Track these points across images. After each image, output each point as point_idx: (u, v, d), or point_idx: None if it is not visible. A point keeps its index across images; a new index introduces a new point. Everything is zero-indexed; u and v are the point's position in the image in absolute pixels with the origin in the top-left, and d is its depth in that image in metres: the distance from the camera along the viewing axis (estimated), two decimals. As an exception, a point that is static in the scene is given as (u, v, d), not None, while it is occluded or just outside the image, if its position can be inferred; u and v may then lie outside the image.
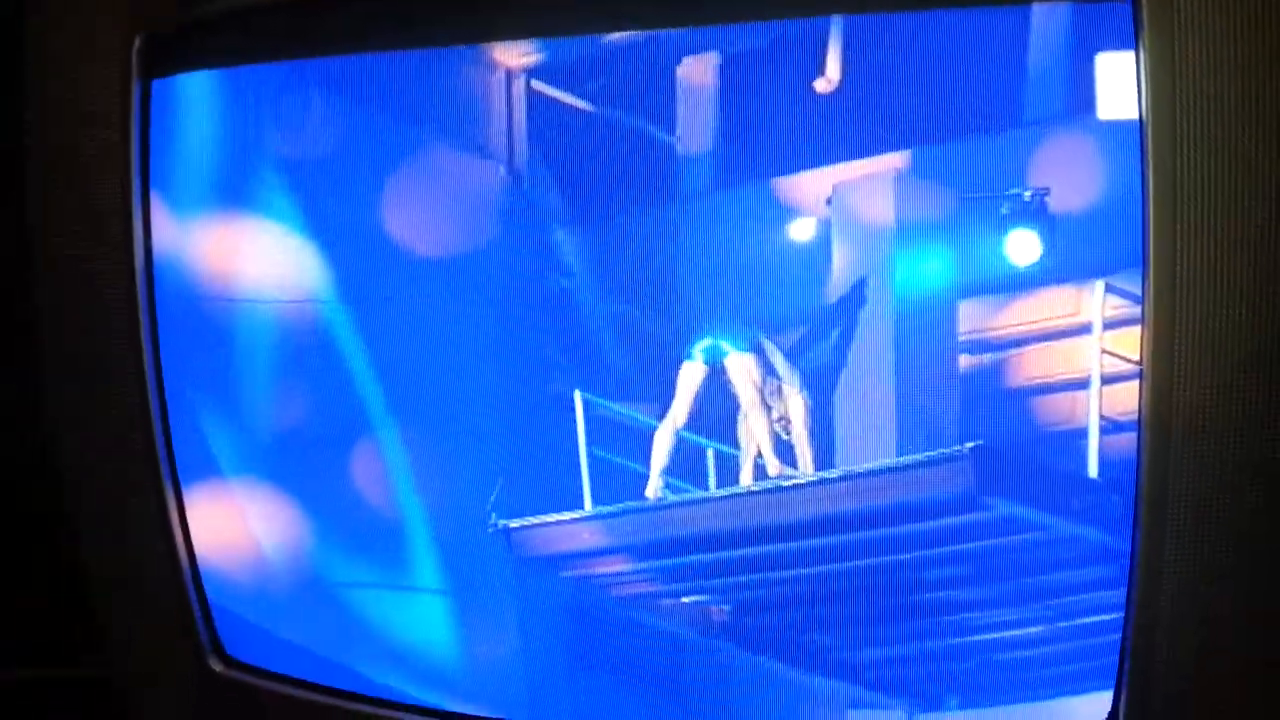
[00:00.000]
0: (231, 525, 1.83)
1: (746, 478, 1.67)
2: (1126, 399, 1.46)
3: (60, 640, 2.18)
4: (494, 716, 1.73)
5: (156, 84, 1.73)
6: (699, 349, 1.67)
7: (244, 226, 1.78)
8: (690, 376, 1.67)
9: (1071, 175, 1.52)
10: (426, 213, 1.72)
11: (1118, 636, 1.44)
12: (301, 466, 1.80)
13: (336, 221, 1.75)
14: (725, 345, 1.66)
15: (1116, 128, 1.45)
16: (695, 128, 1.65)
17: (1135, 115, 1.39)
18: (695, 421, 1.68)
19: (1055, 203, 1.53)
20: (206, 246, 1.80)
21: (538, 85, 1.69)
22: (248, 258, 1.79)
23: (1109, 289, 1.52)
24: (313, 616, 1.81)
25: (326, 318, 1.76)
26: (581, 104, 1.67)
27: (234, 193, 1.78)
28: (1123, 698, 1.44)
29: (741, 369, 1.66)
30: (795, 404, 1.65)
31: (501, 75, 1.70)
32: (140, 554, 1.80)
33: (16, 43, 1.77)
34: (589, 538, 1.71)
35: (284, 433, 1.80)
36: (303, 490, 1.80)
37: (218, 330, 1.80)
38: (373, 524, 1.77)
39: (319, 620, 1.81)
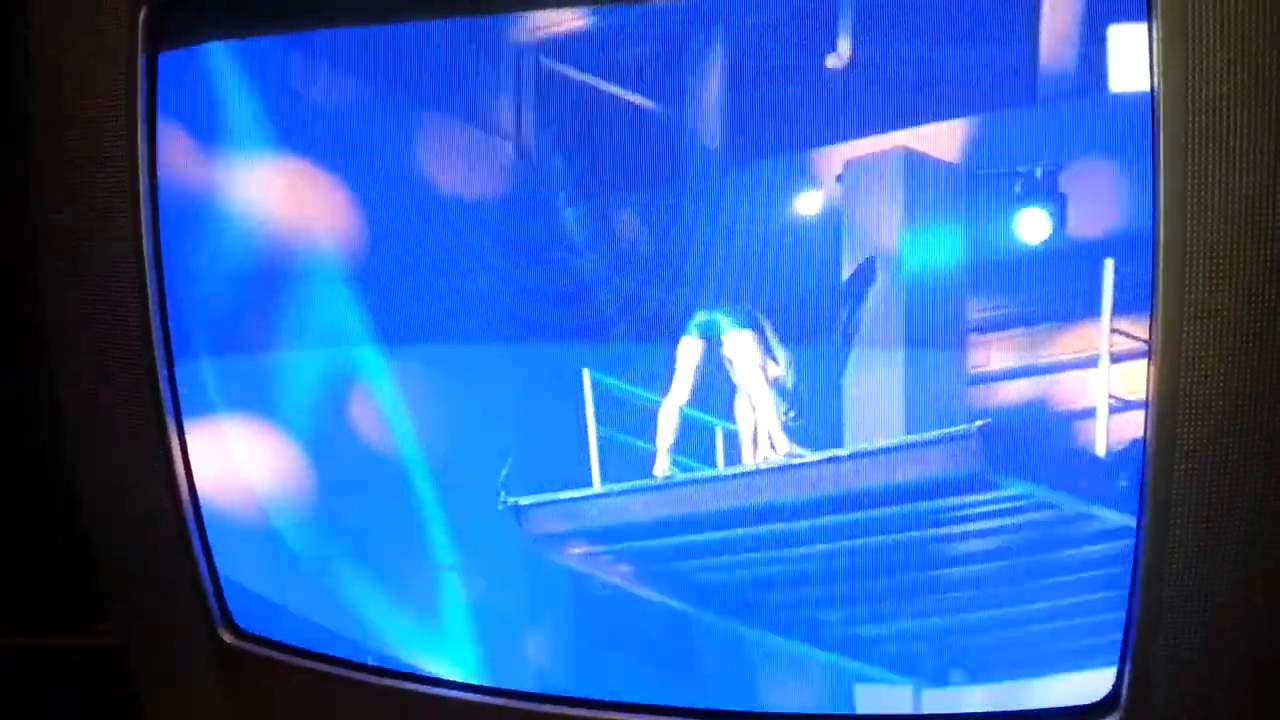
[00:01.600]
0: (242, 500, 1.84)
1: (748, 455, 1.67)
2: (1136, 378, 1.46)
3: (72, 610, 2.20)
4: (503, 688, 1.74)
5: (162, 57, 1.72)
6: (695, 324, 1.66)
7: (248, 206, 1.78)
8: (689, 353, 1.67)
9: (1083, 151, 1.51)
10: (435, 189, 1.72)
11: (1123, 613, 1.44)
12: (314, 444, 1.81)
13: (343, 198, 1.75)
14: (722, 321, 1.66)
15: (1129, 101, 1.44)
16: (705, 103, 1.64)
17: (1147, 89, 1.38)
18: (701, 399, 1.68)
19: (1066, 179, 1.53)
20: (215, 228, 1.80)
21: (546, 60, 1.69)
22: (250, 245, 1.79)
23: (1119, 265, 1.51)
24: (323, 590, 1.82)
25: (331, 296, 1.77)
26: (590, 79, 1.66)
27: (241, 162, 1.78)
28: (1125, 674, 1.45)
29: (739, 346, 1.66)
30: (790, 382, 1.65)
31: (510, 49, 1.70)
32: (149, 527, 1.81)
33: (17, 38, 1.77)
34: (598, 515, 1.71)
35: (296, 411, 1.81)
36: (314, 467, 1.80)
37: (224, 311, 1.81)
38: (383, 500, 1.78)
39: (329, 594, 1.82)
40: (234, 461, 1.83)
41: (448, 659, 1.78)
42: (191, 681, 1.86)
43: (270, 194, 1.77)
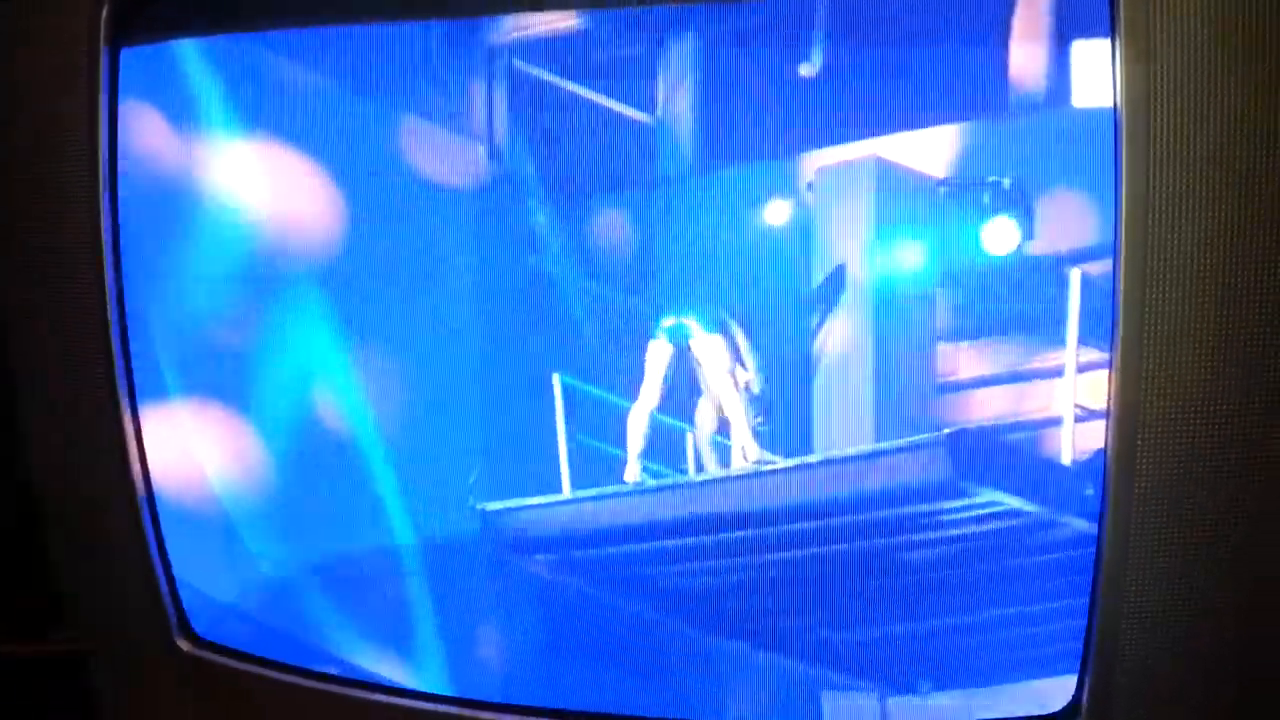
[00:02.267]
0: (203, 504, 1.83)
1: (708, 460, 1.67)
2: (1101, 388, 1.46)
3: (31, 616, 2.19)
4: (469, 698, 1.74)
5: (125, 52, 1.71)
6: (664, 328, 1.66)
7: (213, 203, 1.78)
8: (657, 356, 1.67)
9: (1052, 163, 1.52)
10: (405, 190, 1.72)
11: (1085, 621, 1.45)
12: (279, 448, 1.80)
13: (311, 198, 1.75)
14: (692, 326, 1.66)
15: (1095, 115, 1.45)
16: (678, 109, 1.65)
17: (1111, 103, 1.39)
18: (671, 404, 1.69)
19: (1034, 191, 1.54)
20: (179, 225, 1.79)
21: (519, 63, 1.69)
22: (216, 243, 1.79)
23: (1085, 276, 1.52)
24: (285, 597, 1.82)
25: (301, 297, 1.76)
26: (563, 83, 1.67)
27: (206, 158, 1.77)
28: (1086, 682, 1.46)
29: (708, 351, 1.66)
30: (759, 388, 1.66)
31: (483, 52, 1.70)
32: (107, 531, 1.80)
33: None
34: (567, 521, 1.71)
35: (261, 413, 1.81)
36: (279, 472, 1.80)
37: (190, 310, 1.81)
38: (349, 506, 1.78)
39: (292, 601, 1.82)
40: (197, 465, 1.83)
41: (413, 667, 1.78)
42: (149, 689, 1.85)
43: (236, 191, 1.77)
